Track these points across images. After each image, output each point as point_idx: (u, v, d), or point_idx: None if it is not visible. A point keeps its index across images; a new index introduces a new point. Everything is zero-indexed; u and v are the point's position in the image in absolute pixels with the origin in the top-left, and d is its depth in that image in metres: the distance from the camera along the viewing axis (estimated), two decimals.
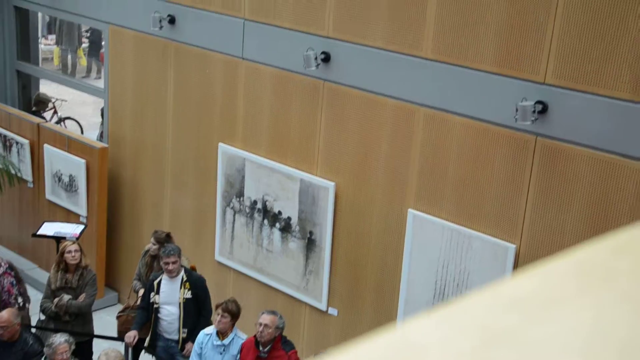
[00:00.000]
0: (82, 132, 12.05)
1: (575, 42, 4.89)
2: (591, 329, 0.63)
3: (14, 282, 6.67)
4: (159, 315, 6.39)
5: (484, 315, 0.66)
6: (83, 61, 16.87)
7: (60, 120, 12.30)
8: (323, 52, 6.18)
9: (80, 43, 16.98)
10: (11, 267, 6.78)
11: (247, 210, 7.06)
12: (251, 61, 6.87)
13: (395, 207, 6.01)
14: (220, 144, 7.24)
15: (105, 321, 7.71)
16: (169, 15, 7.36)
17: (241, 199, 7.11)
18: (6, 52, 9.23)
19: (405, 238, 5.92)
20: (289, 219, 6.72)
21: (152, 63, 7.78)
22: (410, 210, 5.85)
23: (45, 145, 8.50)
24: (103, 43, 15.85)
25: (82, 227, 7.80)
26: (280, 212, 6.79)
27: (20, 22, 9.24)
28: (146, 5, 7.56)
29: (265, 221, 6.92)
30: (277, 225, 6.83)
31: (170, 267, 6.29)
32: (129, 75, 8.08)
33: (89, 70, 16.56)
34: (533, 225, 5.26)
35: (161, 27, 7.40)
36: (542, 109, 5.02)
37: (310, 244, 6.63)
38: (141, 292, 6.66)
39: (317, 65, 6.17)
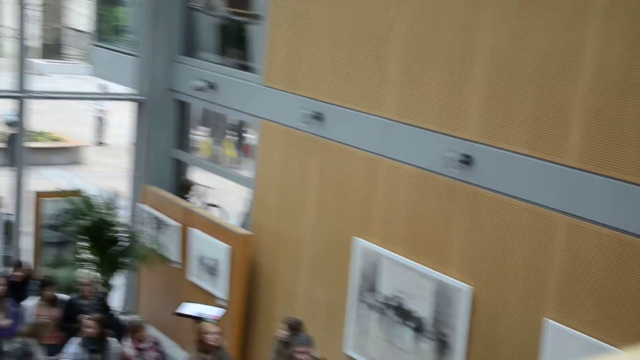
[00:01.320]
0: (226, 219, 12.64)
1: None
2: None
3: (159, 358, 7.00)
4: None
5: None
6: (230, 152, 17.88)
7: (207, 207, 12.99)
8: (463, 154, 6.27)
9: (227, 135, 18.07)
10: (157, 343, 7.13)
11: (380, 306, 7.10)
12: (392, 159, 7.06)
13: (532, 315, 5.85)
14: (357, 238, 7.40)
15: None
16: (316, 112, 7.76)
17: (374, 294, 7.17)
18: (166, 140, 10.00)
19: (542, 349, 5.73)
20: (422, 318, 6.69)
21: (298, 156, 8.17)
22: (548, 321, 5.68)
23: (194, 229, 9.01)
24: (248, 136, 16.83)
25: (222, 310, 8.12)
26: (413, 311, 6.78)
27: (180, 113, 10.03)
28: (295, 102, 8.01)
29: (398, 319, 6.92)
30: (410, 324, 6.81)
31: (302, 357, 6.39)
32: (275, 167, 8.50)
33: (235, 161, 17.51)
34: None
35: (308, 124, 7.80)
36: None
37: (443, 346, 6.53)
38: None
39: (457, 167, 6.26)
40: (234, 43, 9.81)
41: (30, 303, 8.03)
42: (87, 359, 7.13)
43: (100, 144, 21.42)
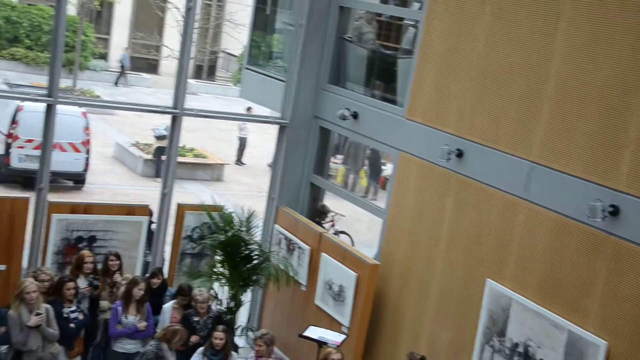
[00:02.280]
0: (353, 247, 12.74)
1: None
2: None
3: None
4: None
5: None
6: (364, 182, 18.03)
7: (336, 233, 13.17)
8: (612, 205, 6.02)
9: (363, 165, 18.24)
10: None
11: (507, 351, 6.90)
12: (532, 203, 6.90)
13: None
14: (488, 280, 7.25)
15: None
16: (457, 149, 7.72)
17: (502, 338, 6.98)
18: (306, 165, 10.26)
19: None
20: None
21: (433, 191, 8.14)
22: None
23: (323, 254, 9.16)
24: (384, 167, 16.91)
25: (343, 337, 8.18)
26: None
27: (321, 140, 10.26)
28: (437, 137, 8.01)
29: None
30: None
31: None
32: (409, 200, 8.51)
33: (367, 191, 17.62)
34: None
35: (448, 160, 7.77)
36: None
37: None
38: None
39: (604, 218, 6.03)
40: (381, 75, 9.95)
41: (168, 307, 8.42)
42: None
43: (240, 163, 22.23)
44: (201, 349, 7.58)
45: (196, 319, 8.09)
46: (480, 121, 7.56)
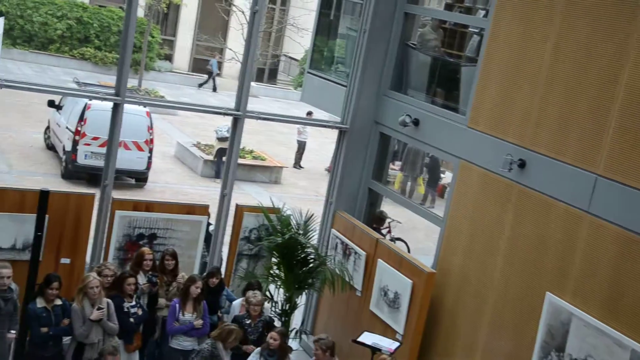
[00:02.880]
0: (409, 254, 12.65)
1: None
2: None
3: None
4: None
5: None
6: (421, 189, 17.89)
7: (392, 240, 13.10)
8: None
9: (422, 172, 18.10)
10: None
11: None
12: (597, 217, 6.74)
13: None
14: (548, 294, 7.11)
15: None
16: (520, 159, 7.60)
17: (561, 354, 6.83)
18: (364, 170, 10.26)
19: None
20: None
21: (494, 201, 8.03)
22: None
23: (379, 260, 9.13)
24: (442, 175, 16.74)
25: (397, 344, 8.13)
26: None
27: (380, 145, 10.24)
28: (499, 147, 7.90)
29: None
30: None
31: None
32: (468, 209, 8.41)
33: (425, 198, 17.48)
34: None
35: (510, 170, 7.66)
36: None
37: None
38: None
39: None
40: (443, 82, 9.88)
41: (237, 303, 8.51)
42: None
43: (299, 166, 22.36)
44: (258, 348, 7.64)
45: (248, 321, 8.16)
46: (544, 132, 7.43)
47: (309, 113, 21.74)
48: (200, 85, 32.28)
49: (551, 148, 7.33)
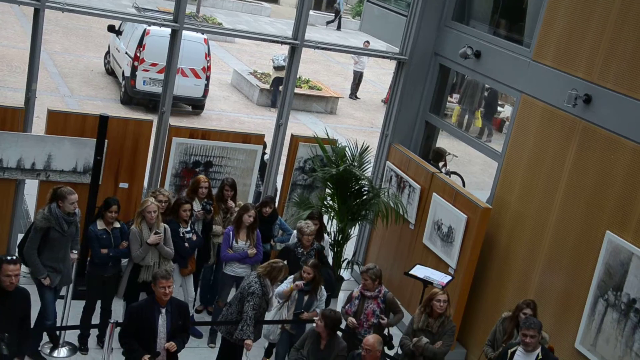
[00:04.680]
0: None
1: None
2: None
3: (378, 313, 7.17)
4: None
5: None
6: (478, 122, 17.55)
7: (448, 173, 12.94)
8: None
9: (480, 105, 17.72)
10: (385, 297, 7.29)
11: (623, 307, 6.65)
12: None
13: None
14: (608, 232, 6.95)
15: None
16: (585, 94, 7.33)
17: (618, 293, 6.72)
18: (422, 103, 10.07)
19: None
20: None
21: (555, 137, 7.80)
22: None
23: (434, 194, 9.04)
24: (500, 109, 16.35)
25: (449, 278, 8.11)
26: None
27: (439, 78, 10.01)
28: (565, 81, 7.63)
29: None
30: None
31: (529, 340, 6.21)
32: (528, 145, 8.21)
33: (481, 132, 17.16)
34: None
35: (575, 105, 7.40)
36: None
37: None
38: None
39: None
40: (507, 13, 9.52)
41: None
42: (297, 298, 7.48)
43: (355, 97, 22.14)
44: (292, 276, 7.63)
45: (300, 250, 8.21)
46: (614, 66, 7.12)
47: (366, 42, 21.37)
48: (328, 22, 32.00)
49: (620, 83, 7.03)
